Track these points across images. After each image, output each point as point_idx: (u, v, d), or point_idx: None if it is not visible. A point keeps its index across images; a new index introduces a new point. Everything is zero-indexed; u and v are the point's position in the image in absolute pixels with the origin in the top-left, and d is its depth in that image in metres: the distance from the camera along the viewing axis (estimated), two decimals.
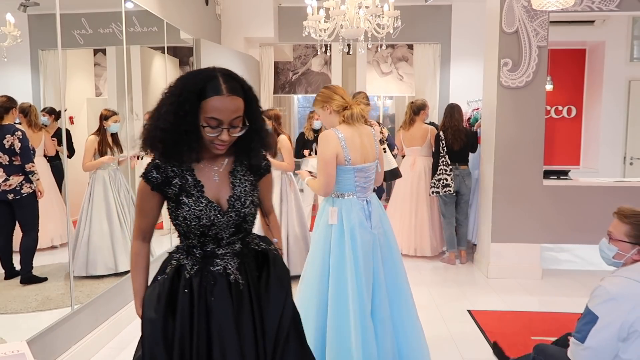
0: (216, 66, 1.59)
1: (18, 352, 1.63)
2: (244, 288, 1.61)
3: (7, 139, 2.80)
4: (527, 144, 4.61)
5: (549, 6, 3.62)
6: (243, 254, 1.66)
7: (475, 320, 3.70)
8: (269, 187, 1.84)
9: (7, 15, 2.72)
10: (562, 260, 5.32)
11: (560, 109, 7.49)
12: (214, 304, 1.57)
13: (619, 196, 4.60)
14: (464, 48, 6.60)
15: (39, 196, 2.94)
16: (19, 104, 2.89)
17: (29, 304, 2.89)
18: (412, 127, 5.34)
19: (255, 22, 6.32)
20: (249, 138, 1.61)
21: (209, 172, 1.63)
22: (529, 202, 4.64)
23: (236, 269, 1.62)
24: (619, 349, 1.79)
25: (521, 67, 4.55)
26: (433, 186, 5.03)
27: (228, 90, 1.51)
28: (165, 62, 4.69)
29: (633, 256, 1.88)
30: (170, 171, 1.60)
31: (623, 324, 1.76)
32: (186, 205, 1.58)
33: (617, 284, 1.82)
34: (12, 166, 2.83)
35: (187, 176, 1.60)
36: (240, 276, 1.62)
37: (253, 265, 1.67)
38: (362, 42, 4.89)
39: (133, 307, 3.64)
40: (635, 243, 1.88)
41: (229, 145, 1.59)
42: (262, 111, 1.68)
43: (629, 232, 1.88)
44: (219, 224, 1.59)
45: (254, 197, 1.68)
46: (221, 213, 1.59)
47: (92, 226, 3.67)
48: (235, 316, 1.57)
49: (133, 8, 3.81)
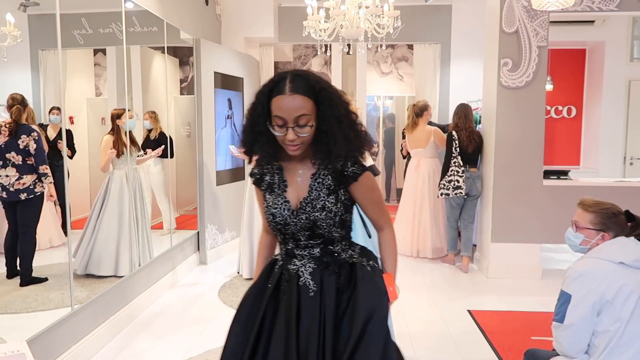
0: (297, 69, 1.61)
1: (18, 352, 1.63)
2: (314, 295, 1.59)
3: (22, 139, 2.80)
4: (527, 144, 4.61)
5: (549, 6, 3.62)
6: (323, 261, 1.62)
7: (475, 320, 3.70)
8: (365, 195, 1.66)
9: (7, 15, 2.72)
10: (562, 260, 5.32)
11: (560, 109, 7.49)
12: (282, 303, 1.62)
13: (619, 196, 4.60)
14: (464, 48, 6.59)
15: (50, 199, 2.93)
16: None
17: (29, 304, 2.89)
18: (415, 129, 5.30)
19: (255, 22, 6.32)
20: (324, 140, 1.56)
21: (294, 173, 1.66)
22: (529, 202, 4.64)
23: (309, 273, 1.62)
24: (595, 324, 1.94)
25: (521, 67, 4.55)
26: (442, 187, 4.88)
27: (291, 90, 1.51)
28: (165, 62, 4.69)
29: (597, 242, 2.08)
30: (265, 169, 1.69)
31: (594, 297, 1.92)
32: (267, 202, 1.66)
33: (584, 263, 2.02)
34: (25, 165, 2.83)
35: (276, 174, 1.67)
36: (314, 282, 1.60)
37: (334, 276, 1.61)
38: (362, 42, 4.89)
39: (133, 307, 3.66)
40: (599, 229, 2.07)
41: (302, 146, 1.57)
42: (349, 116, 1.59)
43: (593, 219, 2.08)
44: (292, 224, 1.61)
45: (328, 203, 1.60)
46: (293, 214, 1.61)
47: (101, 226, 3.67)
48: (296, 321, 1.56)
49: (133, 8, 3.81)
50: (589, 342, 1.98)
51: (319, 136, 1.56)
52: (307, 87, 1.53)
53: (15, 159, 2.78)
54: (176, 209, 5.18)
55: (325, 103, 1.54)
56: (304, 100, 1.52)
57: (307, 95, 1.52)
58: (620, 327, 1.88)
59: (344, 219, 1.64)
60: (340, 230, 1.64)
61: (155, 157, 4.49)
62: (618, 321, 1.89)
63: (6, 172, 2.78)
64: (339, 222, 1.62)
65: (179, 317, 3.78)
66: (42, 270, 3.05)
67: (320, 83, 1.56)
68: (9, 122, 2.77)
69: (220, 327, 3.59)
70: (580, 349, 1.99)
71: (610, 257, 1.97)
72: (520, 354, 2.84)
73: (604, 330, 1.92)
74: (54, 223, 3.23)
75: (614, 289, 1.90)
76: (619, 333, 1.88)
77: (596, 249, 2.05)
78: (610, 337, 1.90)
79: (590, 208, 2.10)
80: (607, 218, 2.06)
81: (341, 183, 1.62)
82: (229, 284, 4.48)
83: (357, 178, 1.61)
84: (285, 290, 1.63)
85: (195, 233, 5.09)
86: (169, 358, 3.13)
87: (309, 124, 1.53)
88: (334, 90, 1.59)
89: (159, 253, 4.22)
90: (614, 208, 2.09)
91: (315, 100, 1.54)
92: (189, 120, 5.31)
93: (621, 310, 1.89)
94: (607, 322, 1.91)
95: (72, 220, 2.99)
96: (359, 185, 1.63)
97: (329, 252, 1.63)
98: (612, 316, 1.90)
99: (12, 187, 2.80)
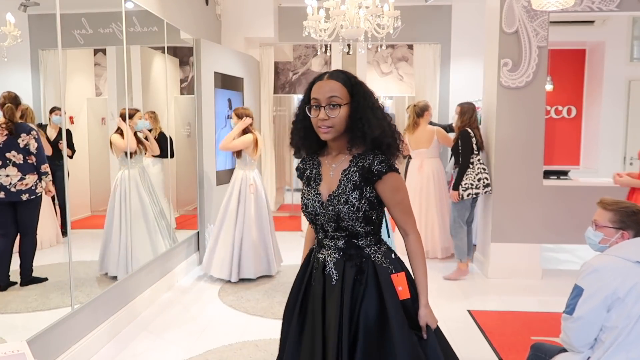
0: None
1: (18, 352, 1.63)
2: (336, 284, 1.71)
3: (22, 137, 2.78)
4: (527, 144, 4.61)
5: (549, 6, 3.62)
6: (346, 253, 1.73)
7: (475, 320, 3.70)
8: (389, 195, 1.71)
9: (7, 15, 2.72)
10: (562, 260, 5.32)
11: (560, 109, 7.49)
12: (313, 289, 1.77)
13: (619, 196, 4.59)
14: (464, 48, 6.59)
15: (48, 194, 2.92)
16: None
17: (29, 304, 2.89)
18: (416, 129, 5.27)
19: (255, 22, 6.32)
20: (359, 126, 1.67)
21: (328, 168, 1.78)
22: (529, 202, 4.64)
23: (334, 263, 1.73)
24: (604, 319, 1.95)
25: (521, 67, 4.56)
26: (470, 187, 4.56)
27: (328, 77, 1.70)
28: (165, 62, 4.69)
29: (617, 240, 2.10)
30: (307, 164, 1.84)
31: (606, 292, 1.92)
32: (304, 192, 1.82)
33: (601, 258, 2.03)
34: (26, 165, 2.81)
35: (314, 169, 1.81)
36: (336, 272, 1.72)
37: (354, 269, 1.71)
38: (362, 42, 4.89)
39: (133, 307, 3.66)
40: (618, 228, 2.09)
41: (332, 130, 1.67)
42: (382, 111, 1.71)
43: (612, 218, 2.11)
44: (321, 215, 1.73)
45: (352, 198, 1.68)
46: (322, 205, 1.73)
47: (129, 226, 3.73)
48: (323, 307, 1.71)
49: (133, 8, 3.81)
50: (596, 336, 1.99)
51: (354, 124, 1.67)
52: (344, 78, 1.70)
53: (16, 158, 2.76)
54: (176, 209, 5.17)
55: (359, 94, 1.68)
56: (338, 85, 1.67)
57: (343, 83, 1.68)
58: (628, 324, 1.89)
59: (368, 215, 1.70)
60: (365, 226, 1.71)
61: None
62: (627, 318, 1.90)
63: (6, 172, 2.76)
64: (363, 218, 1.69)
65: (179, 317, 3.78)
66: (42, 270, 3.05)
67: (357, 79, 1.73)
68: (4, 121, 2.75)
69: (220, 327, 3.59)
70: (586, 342, 2.00)
71: (627, 256, 1.98)
72: (520, 354, 2.85)
73: (612, 326, 1.93)
74: (52, 223, 3.22)
75: (627, 287, 1.91)
76: (627, 330, 1.89)
77: (615, 247, 2.06)
78: (617, 333, 1.91)
79: (610, 207, 2.13)
80: (627, 216, 2.09)
81: (367, 180, 1.69)
82: (228, 284, 4.48)
83: (382, 176, 1.68)
84: (314, 277, 1.78)
85: (195, 233, 5.09)
86: (169, 358, 3.13)
87: (340, 105, 1.66)
88: (369, 89, 1.74)
89: (159, 253, 4.23)
90: (633, 207, 2.11)
91: (350, 92, 1.68)
92: (189, 120, 5.31)
93: (632, 308, 1.90)
94: (616, 318, 1.92)
95: (72, 220, 2.99)
96: (383, 184, 1.69)
97: (353, 246, 1.73)
98: (622, 313, 1.91)
99: (13, 188, 2.78)
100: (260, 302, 4.05)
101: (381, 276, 1.70)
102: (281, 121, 8.46)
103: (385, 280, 1.70)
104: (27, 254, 2.90)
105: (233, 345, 3.27)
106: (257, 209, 4.54)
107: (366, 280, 1.69)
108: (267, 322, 3.66)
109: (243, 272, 4.50)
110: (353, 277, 1.69)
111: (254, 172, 4.62)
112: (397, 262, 1.77)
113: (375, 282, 1.69)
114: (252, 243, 4.49)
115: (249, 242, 4.49)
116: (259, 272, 4.55)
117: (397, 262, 1.77)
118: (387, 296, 1.67)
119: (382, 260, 1.73)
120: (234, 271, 4.46)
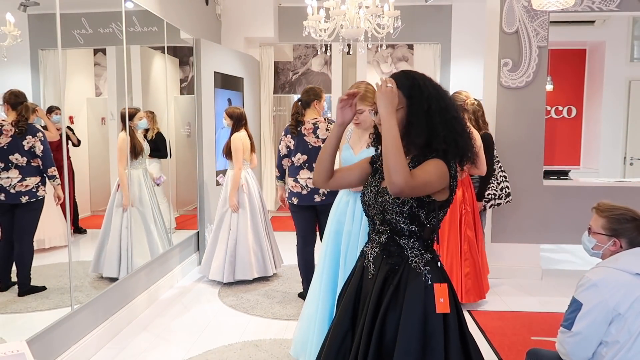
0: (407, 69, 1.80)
1: (18, 352, 1.63)
2: (372, 278, 1.74)
3: (27, 139, 2.68)
4: (527, 144, 4.60)
5: (549, 6, 3.62)
6: (386, 249, 1.72)
7: (475, 320, 3.70)
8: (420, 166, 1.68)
9: (7, 15, 2.72)
10: (562, 260, 5.32)
11: (561, 109, 7.49)
12: (353, 277, 1.84)
13: (619, 196, 4.60)
14: (464, 48, 6.59)
15: (57, 202, 2.80)
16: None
17: (29, 304, 2.89)
18: None
19: (255, 22, 6.32)
20: (411, 130, 1.67)
21: None
22: (529, 202, 4.64)
23: (373, 257, 1.76)
24: (604, 334, 1.92)
25: (521, 67, 4.55)
26: (493, 198, 4.14)
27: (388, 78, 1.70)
28: (165, 62, 4.69)
29: (610, 247, 2.04)
30: (381, 157, 1.81)
31: (606, 308, 1.88)
32: (367, 182, 1.83)
33: (598, 272, 1.97)
34: (29, 167, 2.71)
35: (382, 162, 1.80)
36: (374, 266, 1.75)
37: (388, 266, 1.71)
38: (362, 42, 4.88)
39: (132, 307, 3.66)
40: (610, 235, 2.03)
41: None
42: (445, 114, 1.66)
43: (605, 225, 2.05)
44: (372, 206, 1.75)
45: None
46: (375, 196, 1.74)
47: (112, 226, 3.71)
48: (356, 297, 1.78)
49: (133, 8, 3.81)
50: (595, 350, 1.94)
51: (404, 128, 1.66)
52: (401, 82, 1.68)
53: (19, 161, 2.65)
54: (176, 209, 5.17)
55: (415, 98, 1.66)
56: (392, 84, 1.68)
57: (399, 87, 1.66)
58: (629, 339, 1.85)
59: (415, 212, 1.65)
60: (410, 225, 1.67)
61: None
62: (628, 333, 1.85)
63: (8, 174, 2.66)
64: (408, 214, 1.65)
65: (179, 317, 3.77)
66: (43, 270, 3.05)
67: (417, 81, 1.68)
68: (16, 119, 2.61)
69: (220, 327, 3.59)
70: (584, 356, 1.96)
71: (627, 268, 1.92)
72: (520, 354, 2.85)
73: (612, 341, 1.88)
74: (61, 223, 3.20)
75: (629, 302, 1.86)
76: (628, 345, 1.85)
77: (613, 257, 2.00)
78: (618, 348, 1.87)
79: (603, 213, 2.07)
80: (619, 224, 2.02)
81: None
82: (228, 284, 4.48)
83: (424, 161, 1.66)
84: (357, 266, 1.86)
85: (195, 233, 5.09)
86: (169, 358, 3.13)
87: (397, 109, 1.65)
88: (433, 90, 1.68)
89: (159, 253, 4.23)
90: (628, 214, 2.03)
91: (407, 95, 1.66)
92: (189, 120, 5.31)
93: (633, 323, 1.85)
94: (615, 333, 1.88)
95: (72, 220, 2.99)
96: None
97: (395, 243, 1.71)
98: (623, 328, 1.86)
99: (13, 189, 2.69)
100: (260, 303, 4.04)
101: (410, 283, 1.64)
102: (281, 121, 8.45)
103: (412, 290, 1.63)
104: (24, 261, 2.78)
105: (233, 345, 3.27)
106: (251, 209, 4.52)
107: (397, 283, 1.65)
108: (267, 322, 3.66)
109: (238, 273, 4.46)
110: (384, 275, 1.69)
111: (246, 172, 4.55)
112: (440, 272, 1.69)
113: (403, 289, 1.64)
114: (246, 244, 4.46)
115: (243, 243, 4.46)
116: (255, 273, 4.51)
117: (440, 273, 1.69)
118: (406, 308, 1.61)
119: (418, 266, 1.66)
120: (227, 272, 4.42)
